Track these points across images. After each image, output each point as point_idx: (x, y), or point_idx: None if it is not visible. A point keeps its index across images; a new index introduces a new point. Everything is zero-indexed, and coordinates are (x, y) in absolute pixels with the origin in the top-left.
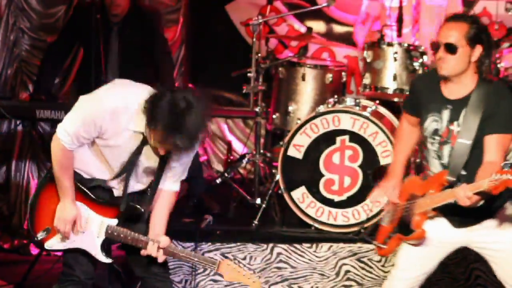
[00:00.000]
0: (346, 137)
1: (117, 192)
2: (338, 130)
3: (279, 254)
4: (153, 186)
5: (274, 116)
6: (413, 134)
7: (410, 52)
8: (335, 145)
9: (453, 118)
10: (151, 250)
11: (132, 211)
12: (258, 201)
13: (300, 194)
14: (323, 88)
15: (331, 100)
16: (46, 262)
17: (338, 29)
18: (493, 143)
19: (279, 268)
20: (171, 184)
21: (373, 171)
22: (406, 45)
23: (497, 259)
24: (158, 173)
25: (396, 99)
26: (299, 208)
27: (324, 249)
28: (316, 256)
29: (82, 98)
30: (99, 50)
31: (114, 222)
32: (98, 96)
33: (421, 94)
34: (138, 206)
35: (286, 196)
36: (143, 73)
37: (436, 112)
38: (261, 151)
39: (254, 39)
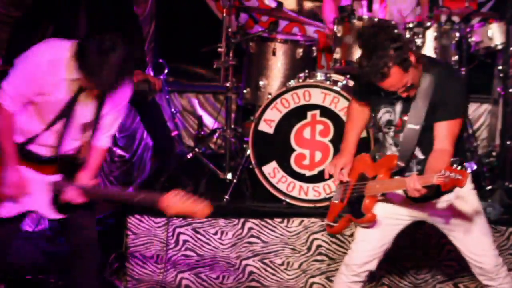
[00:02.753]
0: (317, 112)
1: (52, 150)
2: (309, 104)
3: (250, 229)
4: (90, 139)
5: (244, 91)
6: (364, 113)
7: None
8: (306, 120)
9: (405, 110)
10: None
11: (71, 164)
12: (229, 176)
13: (271, 169)
14: (294, 63)
15: (301, 75)
16: (19, 239)
17: (308, 4)
18: (442, 130)
19: (250, 243)
20: (100, 139)
21: None
22: (375, 19)
23: (453, 232)
24: (93, 126)
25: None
26: (270, 183)
27: (296, 223)
28: (288, 231)
29: (18, 60)
30: (68, 27)
31: (57, 178)
32: (32, 52)
33: (371, 86)
34: (74, 157)
35: (257, 171)
36: None
37: (388, 104)
38: (232, 126)
39: (225, 14)
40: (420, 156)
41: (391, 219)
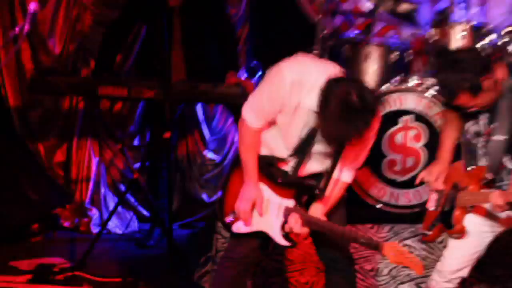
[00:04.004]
0: (410, 117)
1: (292, 172)
2: (402, 110)
3: None
4: (329, 169)
5: None
6: (460, 121)
7: (479, 31)
8: (399, 125)
9: (491, 120)
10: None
11: (308, 192)
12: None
13: (363, 175)
14: (388, 67)
15: (395, 79)
16: (107, 241)
17: (404, 6)
18: None
19: None
20: (343, 172)
21: None
22: (474, 23)
23: None
24: (335, 156)
25: None
26: (361, 188)
27: (386, 229)
28: (378, 237)
29: (266, 73)
30: (162, 29)
31: (291, 203)
32: (279, 68)
33: None
34: (314, 186)
35: None
36: (207, 51)
37: (473, 117)
38: None
39: (320, 16)
40: (510, 166)
41: (484, 226)
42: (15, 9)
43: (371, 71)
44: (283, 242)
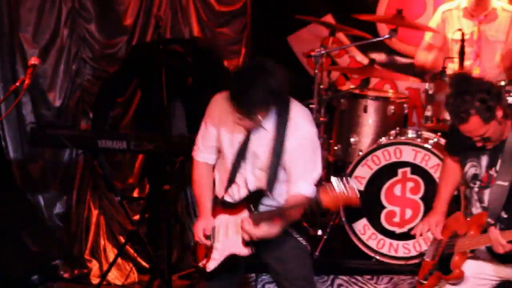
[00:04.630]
0: (408, 169)
1: (242, 191)
2: (400, 162)
3: (339, 285)
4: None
5: (335, 148)
6: (457, 171)
7: None
8: (397, 177)
9: (492, 164)
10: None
11: (257, 197)
12: (320, 232)
13: (362, 226)
14: (385, 120)
15: (392, 132)
16: None
17: (400, 60)
18: None
19: None
20: (293, 185)
21: None
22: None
23: None
24: (273, 161)
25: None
26: (360, 239)
27: (385, 281)
28: None
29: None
30: (160, 83)
31: (245, 214)
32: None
33: (460, 138)
34: (260, 190)
35: (347, 227)
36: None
37: (474, 157)
38: (322, 182)
39: (316, 71)
40: (504, 215)
41: (478, 279)
42: (16, 63)
43: (368, 124)
44: (243, 251)
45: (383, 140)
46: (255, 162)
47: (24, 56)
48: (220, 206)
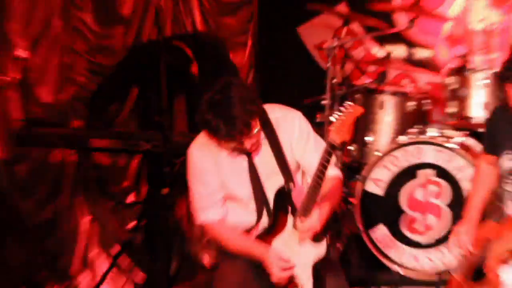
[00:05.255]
0: (430, 171)
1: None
2: (421, 163)
3: None
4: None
5: (350, 148)
6: (492, 176)
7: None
8: (418, 180)
9: None
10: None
11: (284, 197)
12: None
13: (380, 234)
14: (404, 117)
15: (412, 130)
16: None
17: (419, 53)
18: None
19: None
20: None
21: None
22: (495, 71)
23: None
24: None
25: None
26: (378, 249)
27: None
28: None
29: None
30: (159, 79)
31: (290, 220)
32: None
33: (497, 130)
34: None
35: (364, 235)
36: None
37: (510, 149)
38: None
39: (329, 64)
40: None
41: None
42: (4, 55)
43: (385, 121)
44: (319, 251)
45: (402, 139)
46: (275, 182)
47: (13, 48)
48: (266, 236)
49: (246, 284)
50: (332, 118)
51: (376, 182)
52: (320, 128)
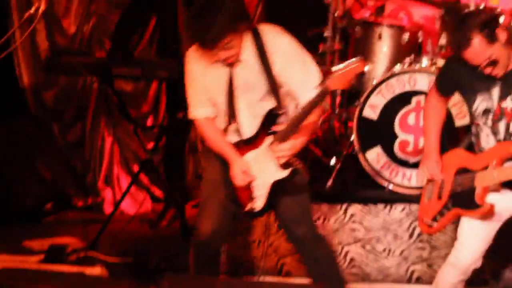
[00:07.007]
0: (422, 98)
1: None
2: (414, 91)
3: (352, 215)
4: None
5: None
6: (442, 111)
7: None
8: (411, 106)
9: (504, 95)
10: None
11: (271, 119)
12: (333, 161)
13: (375, 155)
14: (399, 48)
15: (407, 60)
16: (119, 221)
17: None
18: None
19: (352, 229)
20: (301, 96)
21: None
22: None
23: None
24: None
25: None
26: (374, 168)
27: (398, 210)
28: (390, 217)
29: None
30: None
31: (268, 139)
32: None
33: (461, 74)
34: (270, 110)
35: (360, 156)
36: None
37: (484, 90)
38: (336, 111)
39: None
40: None
41: (497, 220)
42: None
43: (383, 52)
44: (283, 173)
45: (398, 68)
46: (250, 97)
47: None
48: (241, 146)
49: (219, 181)
50: (335, 67)
51: (373, 108)
52: (323, 59)
